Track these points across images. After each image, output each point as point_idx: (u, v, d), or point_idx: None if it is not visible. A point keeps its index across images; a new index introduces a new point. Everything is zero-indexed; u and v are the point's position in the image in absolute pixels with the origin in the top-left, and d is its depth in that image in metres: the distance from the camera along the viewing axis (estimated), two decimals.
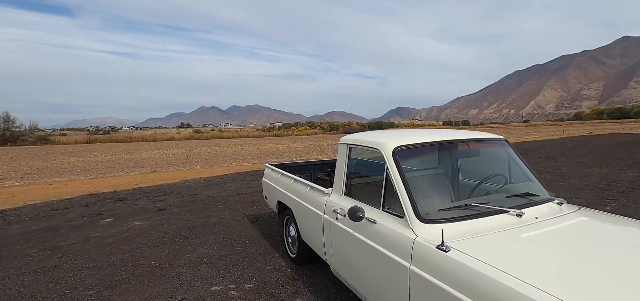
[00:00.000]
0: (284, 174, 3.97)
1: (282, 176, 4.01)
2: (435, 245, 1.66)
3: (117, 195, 8.17)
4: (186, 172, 13.30)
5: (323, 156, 20.07)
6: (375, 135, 2.58)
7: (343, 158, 2.77)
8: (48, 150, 36.42)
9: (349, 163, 2.72)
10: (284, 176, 3.96)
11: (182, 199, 7.47)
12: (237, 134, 75.30)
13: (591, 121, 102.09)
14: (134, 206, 6.96)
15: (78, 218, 6.12)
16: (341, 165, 2.76)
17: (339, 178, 2.76)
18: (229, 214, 6.04)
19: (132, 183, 10.18)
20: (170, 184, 9.65)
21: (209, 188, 8.80)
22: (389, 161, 2.15)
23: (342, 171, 2.73)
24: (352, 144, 2.72)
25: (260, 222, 5.48)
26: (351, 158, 2.73)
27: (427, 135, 2.39)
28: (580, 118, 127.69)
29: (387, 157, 2.17)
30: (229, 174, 11.56)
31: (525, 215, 1.89)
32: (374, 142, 2.38)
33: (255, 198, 7.41)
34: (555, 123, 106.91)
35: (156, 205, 6.97)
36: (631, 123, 67.37)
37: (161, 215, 6.13)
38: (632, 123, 64.73)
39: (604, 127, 46.67)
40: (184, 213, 6.27)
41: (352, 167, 2.73)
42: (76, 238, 4.91)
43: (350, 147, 2.74)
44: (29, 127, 58.56)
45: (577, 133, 33.35)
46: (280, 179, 4.03)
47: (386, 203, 2.16)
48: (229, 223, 5.49)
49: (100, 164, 20.03)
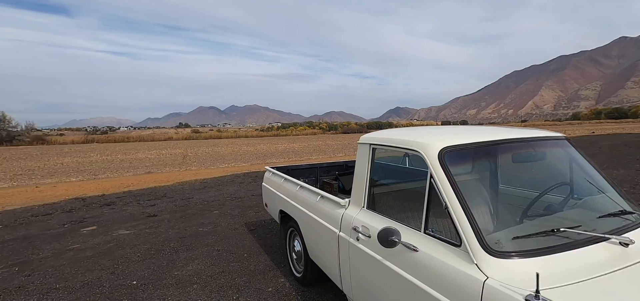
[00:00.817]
0: (288, 179, 3.42)
1: (285, 182, 3.46)
2: (521, 295, 1.12)
3: (105, 199, 7.60)
4: (181, 173, 12.73)
5: (323, 157, 19.52)
6: (410, 133, 2.02)
7: (364, 161, 2.21)
8: (43, 150, 35.72)
9: (372, 168, 2.17)
10: (288, 181, 3.41)
11: (175, 204, 6.91)
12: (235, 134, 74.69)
13: (589, 121, 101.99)
14: (121, 211, 6.39)
15: (58, 225, 5.55)
16: (362, 170, 2.21)
17: (359, 187, 2.21)
18: (224, 222, 5.48)
19: (124, 186, 9.61)
20: (163, 187, 9.08)
21: (204, 191, 8.24)
22: (434, 166, 1.60)
23: (363, 177, 2.18)
24: (377, 145, 2.16)
25: (260, 231, 4.93)
26: (374, 161, 2.18)
27: (481, 133, 1.84)
28: (578, 118, 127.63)
29: (431, 161, 1.63)
30: (226, 176, 11.00)
31: (634, 244, 1.36)
32: (410, 142, 1.83)
33: (253, 202, 6.86)
34: (554, 123, 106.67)
35: (146, 211, 6.40)
36: (630, 123, 67.24)
37: (150, 222, 5.56)
38: (631, 123, 64.54)
39: (604, 128, 46.33)
40: (175, 219, 5.71)
41: (376, 173, 2.18)
42: (51, 251, 4.35)
43: (374, 147, 2.18)
44: (25, 127, 57.75)
45: (579, 133, 32.96)
46: (283, 185, 3.48)
47: (430, 224, 1.62)
48: (224, 231, 4.94)
49: (94, 165, 19.42)
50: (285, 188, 3.40)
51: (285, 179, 3.47)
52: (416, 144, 1.77)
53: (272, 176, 3.93)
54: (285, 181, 3.48)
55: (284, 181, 3.49)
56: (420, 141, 1.76)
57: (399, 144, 1.93)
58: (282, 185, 3.50)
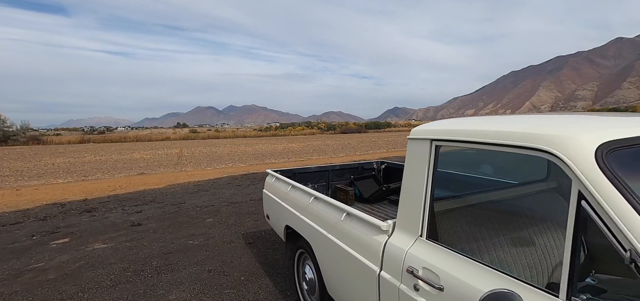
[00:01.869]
0: (296, 187, 2.69)
1: (293, 190, 2.72)
2: None
3: (86, 204, 6.83)
4: (175, 175, 11.96)
5: (324, 157, 18.78)
6: (519, 122, 1.23)
7: (422, 166, 1.47)
8: (37, 150, 34.79)
9: (435, 177, 1.43)
10: (296, 189, 2.68)
11: (164, 210, 6.16)
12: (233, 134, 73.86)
13: None
14: (102, 219, 5.64)
15: (25, 237, 4.78)
16: (417, 180, 1.47)
17: (412, 205, 1.48)
18: (219, 232, 4.75)
19: (111, 188, 8.84)
20: (153, 190, 8.32)
21: (198, 195, 7.49)
22: (590, 177, 0.88)
23: (419, 191, 1.45)
24: (446, 141, 1.40)
25: (260, 244, 4.20)
26: (437, 165, 1.45)
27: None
28: None
29: (581, 168, 0.90)
30: (223, 178, 10.25)
31: None
32: (526, 137, 1.08)
33: (252, 207, 6.13)
34: None
35: (130, 218, 5.65)
36: None
37: (133, 233, 4.81)
38: None
39: None
40: (162, 229, 4.97)
41: (441, 184, 1.45)
42: (7, 271, 3.59)
43: (439, 145, 1.44)
44: (21, 127, 56.65)
45: None
46: (289, 195, 2.74)
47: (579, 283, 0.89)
48: (218, 245, 4.20)
49: (86, 166, 18.60)
50: (293, 199, 2.66)
51: (293, 187, 2.74)
52: (542, 138, 1.03)
53: (276, 181, 3.19)
54: (292, 188, 2.74)
55: (291, 189, 2.76)
56: (550, 133, 1.03)
57: (497, 140, 1.18)
58: (288, 194, 2.76)
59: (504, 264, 1.32)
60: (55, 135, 74.27)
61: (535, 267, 1.23)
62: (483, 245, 1.40)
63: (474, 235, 1.44)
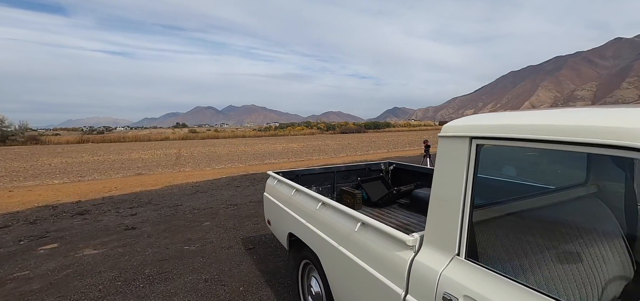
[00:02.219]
0: (301, 191, 2.44)
1: (297, 194, 2.48)
2: None
3: (79, 206, 6.58)
4: (173, 175, 11.71)
5: (324, 157, 18.52)
6: (593, 115, 0.95)
7: (459, 169, 1.20)
8: (35, 150, 34.49)
9: (475, 182, 1.18)
10: (301, 193, 2.43)
11: (160, 213, 5.91)
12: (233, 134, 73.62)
13: None
14: (94, 223, 5.38)
15: (12, 242, 4.53)
16: (454, 187, 1.21)
17: (447, 217, 1.23)
18: (217, 237, 4.50)
19: (106, 190, 8.58)
20: (149, 192, 8.07)
21: (196, 197, 7.25)
22: None
23: (456, 201, 1.20)
24: (490, 139, 1.12)
25: (260, 250, 3.96)
26: (477, 169, 1.19)
27: None
28: None
29: None
30: (222, 179, 10.00)
31: None
32: (607, 131, 0.84)
33: (252, 210, 5.88)
34: None
35: (124, 222, 5.40)
36: None
37: (126, 238, 4.57)
38: None
39: None
40: (157, 234, 4.72)
41: (480, 190, 1.20)
42: None
43: (481, 144, 1.17)
44: (19, 126, 56.28)
45: None
46: (293, 199, 2.50)
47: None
48: (216, 251, 3.96)
49: (83, 166, 18.34)
50: (297, 203, 2.41)
51: (297, 191, 2.49)
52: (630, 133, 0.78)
53: (277, 184, 2.94)
54: (296, 193, 2.49)
55: (295, 193, 2.51)
56: None
57: (566, 136, 0.92)
58: (292, 199, 2.51)
59: (551, 285, 1.11)
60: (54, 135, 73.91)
61: (585, 287, 1.05)
62: (527, 263, 1.17)
63: (515, 251, 1.21)
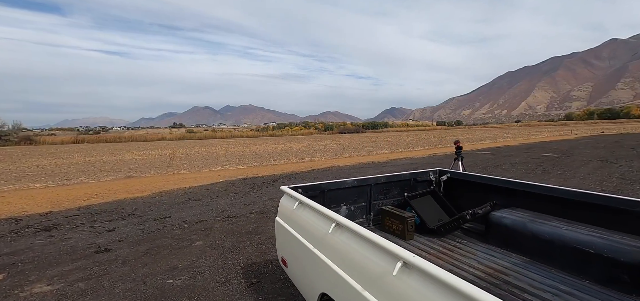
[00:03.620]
0: (344, 227, 1.46)
1: (338, 231, 1.50)
2: None
3: (48, 219, 5.58)
4: (165, 179, 10.69)
5: (325, 158, 17.52)
6: None
7: None
8: (27, 151, 33.29)
9: None
10: (349, 231, 1.45)
11: (143, 228, 4.93)
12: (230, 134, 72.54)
13: (584, 121, 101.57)
14: (61, 242, 4.39)
15: None
16: None
17: None
18: (210, 264, 3.54)
19: (86, 196, 7.57)
20: (135, 200, 7.07)
21: (188, 206, 6.27)
22: None
23: None
24: None
25: (267, 286, 3.01)
26: None
27: None
28: (571, 119, 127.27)
29: None
30: (218, 183, 9.02)
31: None
32: None
33: (253, 224, 4.93)
34: (548, 124, 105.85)
35: (97, 240, 4.42)
36: (624, 123, 67.23)
37: (94, 265, 3.59)
38: (631, 123, 64.09)
39: (607, 127, 45.14)
40: (135, 259, 3.75)
41: None
42: None
43: None
44: (13, 126, 54.82)
45: (585, 133, 31.52)
46: (330, 241, 1.51)
47: None
48: (208, 288, 3.00)
49: (72, 168, 17.27)
50: (340, 248, 1.45)
51: (338, 226, 1.51)
52: None
53: (299, 208, 1.95)
54: (337, 229, 1.52)
55: (334, 231, 1.53)
56: None
57: None
58: (327, 239, 1.54)
59: None
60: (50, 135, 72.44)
61: None
62: None
63: None
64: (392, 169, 10.89)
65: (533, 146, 18.18)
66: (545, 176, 8.28)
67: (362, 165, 12.44)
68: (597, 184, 7.13)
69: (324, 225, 1.59)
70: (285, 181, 8.95)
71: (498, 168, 10.21)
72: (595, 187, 6.92)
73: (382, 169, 10.85)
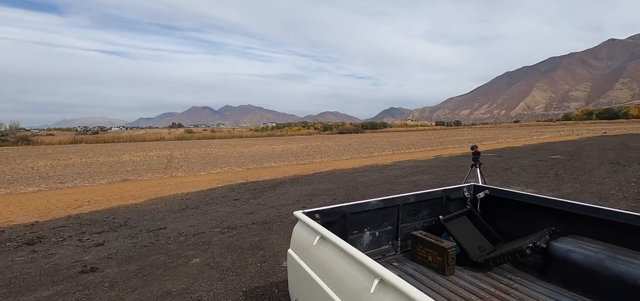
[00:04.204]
0: (387, 282, 1.07)
1: (384, 289, 1.10)
2: None
3: (33, 231, 5.16)
4: (161, 183, 10.27)
5: (326, 159, 17.08)
6: None
7: None
8: (24, 151, 32.80)
9: None
10: (388, 286, 1.05)
11: (135, 242, 4.52)
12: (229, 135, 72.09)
13: (583, 121, 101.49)
14: (43, 260, 3.98)
15: None
16: None
17: None
18: (208, 288, 3.14)
19: (77, 204, 7.15)
20: (128, 207, 6.66)
21: (185, 215, 5.86)
22: None
23: None
24: None
25: None
26: None
27: None
28: (569, 119, 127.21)
29: None
30: (217, 188, 8.61)
31: None
32: None
33: (255, 237, 4.52)
34: (548, 124, 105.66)
35: (83, 257, 4.01)
36: (624, 123, 67.26)
37: (77, 290, 3.18)
38: (630, 123, 64.05)
39: (608, 127, 44.93)
40: (124, 281, 3.34)
41: None
42: None
43: None
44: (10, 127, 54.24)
45: (587, 134, 31.24)
46: (368, 299, 1.11)
47: None
48: None
49: (67, 170, 16.83)
50: None
51: (383, 283, 1.11)
52: None
53: (321, 244, 1.54)
54: (381, 285, 1.11)
55: (378, 287, 1.12)
56: None
57: None
58: (366, 298, 1.13)
59: None
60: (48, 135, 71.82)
61: None
62: None
63: None
64: (397, 172, 10.50)
65: (538, 148, 17.83)
66: (558, 182, 7.90)
67: (365, 168, 12.04)
68: (617, 190, 6.76)
69: (363, 279, 1.18)
70: (288, 186, 8.54)
71: (508, 171, 9.84)
72: (615, 193, 6.54)
73: (386, 173, 10.45)
